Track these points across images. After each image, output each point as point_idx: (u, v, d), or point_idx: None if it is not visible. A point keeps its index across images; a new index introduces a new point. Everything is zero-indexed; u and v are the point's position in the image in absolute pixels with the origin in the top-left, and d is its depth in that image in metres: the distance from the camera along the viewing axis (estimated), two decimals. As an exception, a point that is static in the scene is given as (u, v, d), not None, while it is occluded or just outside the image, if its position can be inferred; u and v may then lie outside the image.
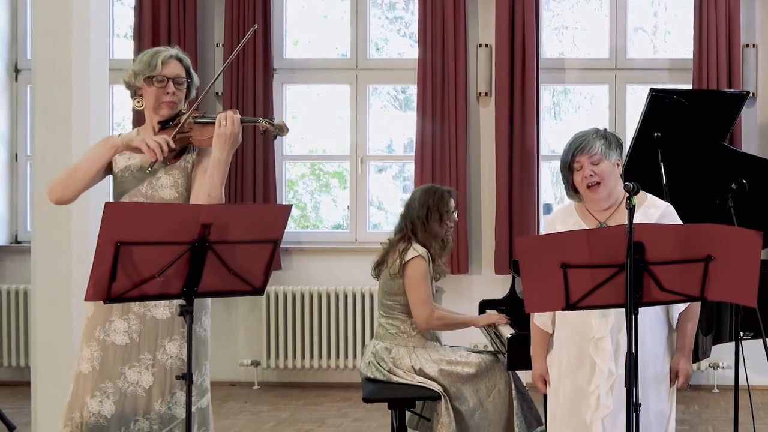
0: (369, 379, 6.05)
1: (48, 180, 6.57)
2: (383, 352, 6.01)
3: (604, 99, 9.51)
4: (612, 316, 4.42)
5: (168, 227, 3.85)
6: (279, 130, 4.72)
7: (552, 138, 9.76)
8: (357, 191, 9.55)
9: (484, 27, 9.29)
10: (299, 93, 10.00)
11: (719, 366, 8.94)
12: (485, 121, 9.29)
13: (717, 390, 9.01)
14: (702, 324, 5.75)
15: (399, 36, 10.06)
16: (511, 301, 6.74)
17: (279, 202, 9.28)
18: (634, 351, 3.99)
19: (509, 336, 5.79)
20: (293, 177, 10.11)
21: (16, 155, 9.64)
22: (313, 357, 9.27)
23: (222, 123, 4.50)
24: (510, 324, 6.21)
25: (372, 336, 8.67)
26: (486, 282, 9.19)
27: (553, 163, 9.62)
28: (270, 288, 8.92)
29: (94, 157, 4.56)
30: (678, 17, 9.67)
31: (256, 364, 9.34)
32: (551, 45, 9.74)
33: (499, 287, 8.47)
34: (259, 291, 4.11)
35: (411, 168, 9.39)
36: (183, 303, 3.99)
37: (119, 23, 9.88)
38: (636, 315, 4.00)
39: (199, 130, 4.58)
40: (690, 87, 8.90)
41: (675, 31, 9.82)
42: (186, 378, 4.04)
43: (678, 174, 6.54)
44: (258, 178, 9.14)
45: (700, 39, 8.90)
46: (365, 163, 9.54)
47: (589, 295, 4.03)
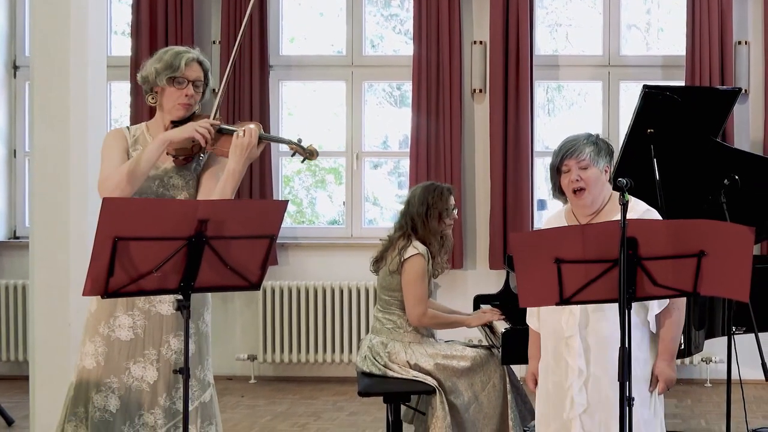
0: (365, 374, 6.05)
1: (46, 176, 6.67)
2: (379, 346, 6.02)
3: (597, 96, 9.51)
4: (578, 314, 4.45)
5: (165, 223, 3.85)
6: (310, 154, 4.76)
7: (546, 134, 9.78)
8: (352, 187, 9.58)
9: (478, 24, 9.30)
10: (295, 89, 10.01)
11: (712, 360, 8.96)
12: (480, 118, 9.31)
13: (709, 384, 9.02)
14: (695, 319, 5.78)
15: (394, 33, 10.07)
16: (506, 296, 6.74)
17: (275, 197, 9.32)
18: (627, 345, 3.98)
19: (503, 331, 5.78)
20: (289, 173, 10.12)
21: (14, 151, 9.67)
22: (309, 351, 9.30)
23: (240, 134, 4.51)
24: (504, 319, 6.21)
25: (367, 331, 8.72)
26: (480, 277, 9.20)
27: (547, 160, 9.53)
28: (266, 283, 8.91)
29: (150, 157, 4.47)
30: (671, 15, 9.68)
31: (252, 358, 9.37)
32: (545, 42, 9.75)
33: (494, 282, 8.56)
34: (256, 286, 4.12)
35: (406, 164, 9.41)
36: (180, 298, 3.99)
37: (117, 20, 9.88)
38: (629, 310, 4.00)
39: (223, 140, 4.59)
40: (683, 84, 8.91)
41: (668, 29, 9.82)
42: (183, 372, 4.04)
43: (671, 170, 6.53)
44: (254, 174, 9.14)
45: (692, 36, 8.92)
46: (361, 159, 9.56)
47: (583, 290, 4.04)
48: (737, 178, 6.37)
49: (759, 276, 5.00)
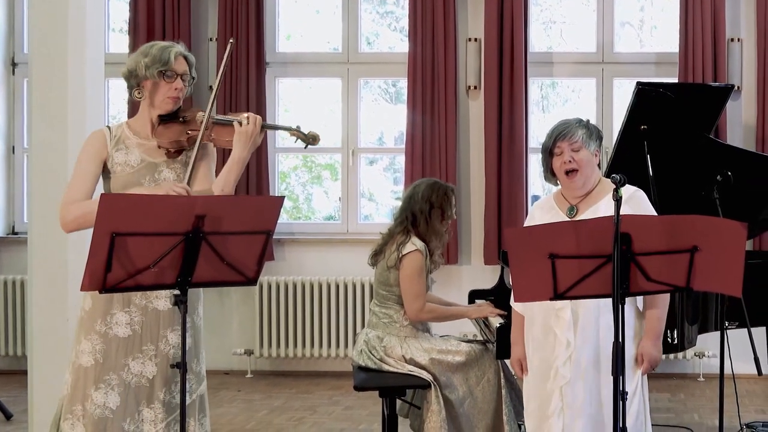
0: (360, 368, 6.04)
1: (44, 172, 6.70)
2: (375, 340, 6.03)
3: (591, 92, 9.53)
4: None
5: (162, 218, 3.85)
6: (312, 139, 4.72)
7: (540, 131, 9.66)
8: (348, 183, 9.60)
9: (473, 21, 9.33)
10: (291, 86, 10.03)
11: (705, 355, 8.96)
12: (474, 114, 9.34)
13: (702, 378, 9.01)
14: (688, 313, 5.79)
15: (390, 30, 10.09)
16: (500, 291, 6.71)
17: (272, 193, 9.32)
18: (620, 339, 4.00)
19: (498, 325, 5.78)
20: (286, 169, 10.16)
21: (13, 148, 9.71)
22: (305, 346, 9.32)
23: (244, 122, 4.54)
24: (499, 314, 6.19)
25: (363, 325, 8.76)
26: (475, 272, 9.24)
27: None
28: (263, 278, 8.99)
29: None
30: (664, 12, 9.70)
31: (249, 353, 9.39)
32: (539, 39, 9.77)
33: (488, 277, 8.57)
34: (252, 281, 4.12)
35: (401, 160, 9.44)
36: (177, 293, 4.00)
37: (114, 17, 9.90)
38: (623, 305, 4.01)
39: (221, 130, 4.61)
40: (676, 81, 8.92)
41: (661, 26, 9.84)
42: (181, 367, 4.06)
43: (664, 166, 6.54)
44: (251, 170, 9.16)
45: (686, 33, 8.94)
46: (356, 156, 9.59)
47: (577, 285, 4.05)
48: (730, 174, 6.34)
49: (751, 271, 4.96)
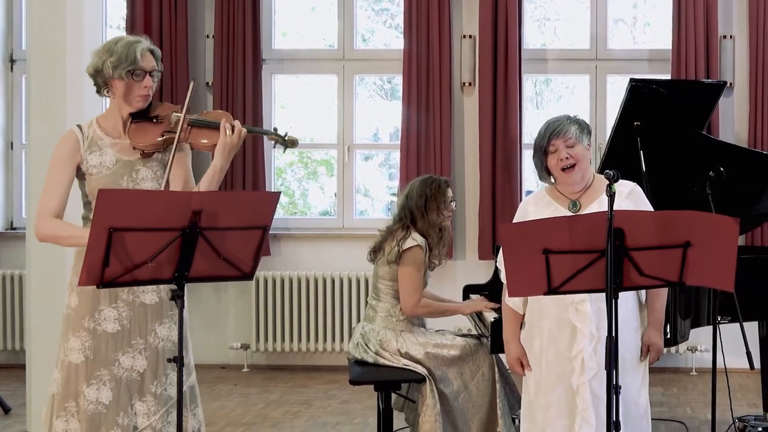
0: (356, 362, 6.06)
1: (42, 168, 6.66)
2: (371, 334, 6.05)
3: (585, 89, 9.56)
4: None
5: (160, 214, 3.84)
6: (290, 143, 4.70)
7: (534, 127, 9.54)
8: (344, 179, 9.62)
9: (467, 18, 9.35)
10: (287, 83, 10.06)
11: (697, 349, 9.02)
12: (469, 111, 9.37)
13: (695, 372, 9.06)
14: (680, 308, 5.81)
15: (385, 27, 10.12)
16: (494, 286, 6.64)
17: (268, 189, 9.35)
18: (614, 333, 4.01)
19: (492, 320, 5.78)
20: (282, 165, 10.18)
21: (11, 144, 9.73)
22: (301, 340, 9.36)
23: (228, 132, 4.50)
24: (493, 309, 6.17)
25: (358, 320, 8.79)
26: (470, 267, 9.27)
27: (536, 152, 9.75)
28: (259, 273, 8.99)
29: (78, 242, 4.31)
30: (657, 9, 9.73)
31: (245, 347, 9.43)
32: (533, 36, 9.80)
33: (483, 272, 8.60)
34: (249, 276, 4.12)
35: (396, 156, 9.46)
36: (174, 288, 3.99)
37: (111, 14, 9.90)
38: (616, 300, 4.01)
39: (198, 133, 4.55)
40: (669, 77, 8.95)
41: (654, 23, 9.88)
42: (178, 360, 4.06)
43: (657, 162, 6.55)
44: (247, 166, 9.19)
45: (678, 30, 8.97)
46: (352, 152, 9.61)
47: (571, 280, 4.05)
48: (722, 170, 6.34)
49: (744, 266, 4.97)
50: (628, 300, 4.61)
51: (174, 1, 9.32)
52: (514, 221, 4.90)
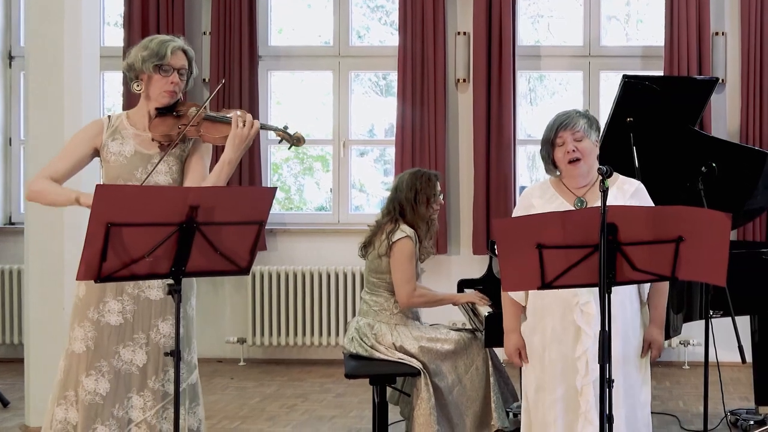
0: (351, 356, 6.09)
1: (41, 163, 6.69)
2: (366, 328, 6.07)
3: (578, 85, 9.58)
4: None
5: (157, 209, 3.87)
6: (296, 141, 4.76)
7: (528, 123, 9.85)
8: (339, 174, 9.65)
9: (462, 15, 9.36)
10: (283, 79, 10.04)
11: (690, 343, 9.05)
12: (463, 107, 9.38)
13: (687, 366, 9.12)
14: (673, 302, 5.81)
15: (380, 24, 10.11)
16: (489, 280, 6.77)
17: (264, 185, 9.37)
18: (607, 328, 4.01)
19: (486, 314, 5.78)
20: (278, 160, 10.20)
21: (10, 139, 9.74)
22: (297, 334, 9.37)
23: (240, 125, 4.54)
24: (488, 303, 6.20)
25: (353, 314, 8.82)
26: (464, 262, 9.30)
27: (529, 147, 9.74)
28: (255, 268, 9.03)
29: (56, 200, 4.51)
30: (650, 6, 9.73)
31: (242, 341, 9.44)
32: (527, 33, 9.81)
33: (477, 267, 8.63)
34: (245, 271, 4.14)
35: (391, 152, 9.50)
36: (171, 282, 4.02)
37: (109, 11, 9.94)
38: (609, 294, 4.02)
39: (210, 127, 4.60)
40: (661, 74, 8.97)
41: (647, 20, 9.88)
42: (174, 355, 4.10)
43: (650, 158, 6.58)
44: (244, 161, 9.16)
45: (671, 27, 8.99)
46: (347, 147, 9.63)
47: (564, 275, 4.07)
48: (714, 165, 6.38)
49: (735, 261, 4.99)
50: (633, 301, 4.66)
51: (171, -1, 9.35)
52: (515, 212, 4.94)
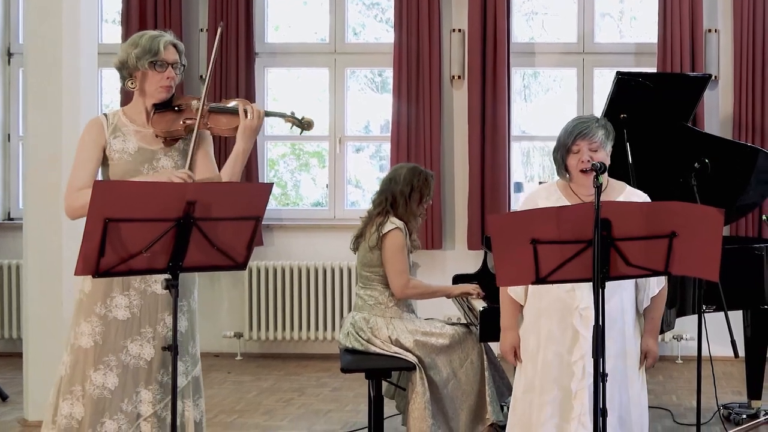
0: (347, 350, 6.11)
1: (39, 159, 6.77)
2: (361, 322, 6.09)
3: (572, 82, 9.59)
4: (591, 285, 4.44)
5: (154, 205, 3.88)
6: (307, 125, 4.81)
7: (522, 119, 9.90)
8: (335, 170, 9.67)
9: (457, 12, 9.39)
10: (280, 76, 10.06)
11: (683, 338, 9.10)
12: (458, 103, 9.41)
13: (681, 360, 9.17)
14: (666, 297, 5.93)
15: (376, 21, 10.14)
16: (483, 276, 6.82)
17: (261, 180, 9.38)
18: (601, 323, 4.04)
19: (481, 309, 5.82)
20: (274, 156, 10.24)
21: (8, 136, 9.76)
22: (294, 329, 9.40)
23: (248, 115, 4.57)
24: (482, 297, 6.24)
25: (349, 309, 8.84)
26: (459, 257, 9.31)
27: (524, 144, 9.81)
28: (252, 263, 9.01)
29: None
30: (643, 3, 9.76)
31: (238, 335, 9.48)
32: (522, 30, 9.84)
33: (472, 262, 8.65)
34: (242, 266, 4.16)
35: (387, 148, 9.50)
36: (168, 277, 4.03)
37: (107, 9, 9.96)
38: (603, 289, 4.04)
39: (217, 118, 4.62)
40: (655, 70, 8.99)
41: (640, 17, 9.90)
42: (172, 349, 4.13)
43: (643, 154, 6.62)
44: (241, 158, 9.23)
45: (664, 24, 9.02)
46: (343, 143, 9.65)
47: (558, 270, 4.09)
48: (707, 161, 6.39)
49: (728, 256, 5.04)
50: (631, 312, 4.71)
51: (169, -4, 9.37)
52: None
